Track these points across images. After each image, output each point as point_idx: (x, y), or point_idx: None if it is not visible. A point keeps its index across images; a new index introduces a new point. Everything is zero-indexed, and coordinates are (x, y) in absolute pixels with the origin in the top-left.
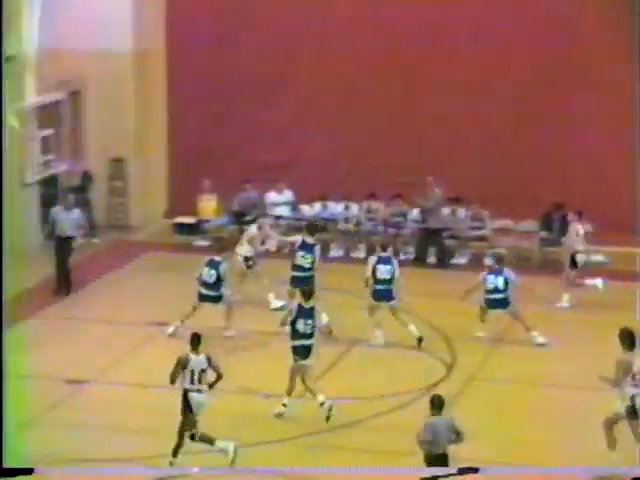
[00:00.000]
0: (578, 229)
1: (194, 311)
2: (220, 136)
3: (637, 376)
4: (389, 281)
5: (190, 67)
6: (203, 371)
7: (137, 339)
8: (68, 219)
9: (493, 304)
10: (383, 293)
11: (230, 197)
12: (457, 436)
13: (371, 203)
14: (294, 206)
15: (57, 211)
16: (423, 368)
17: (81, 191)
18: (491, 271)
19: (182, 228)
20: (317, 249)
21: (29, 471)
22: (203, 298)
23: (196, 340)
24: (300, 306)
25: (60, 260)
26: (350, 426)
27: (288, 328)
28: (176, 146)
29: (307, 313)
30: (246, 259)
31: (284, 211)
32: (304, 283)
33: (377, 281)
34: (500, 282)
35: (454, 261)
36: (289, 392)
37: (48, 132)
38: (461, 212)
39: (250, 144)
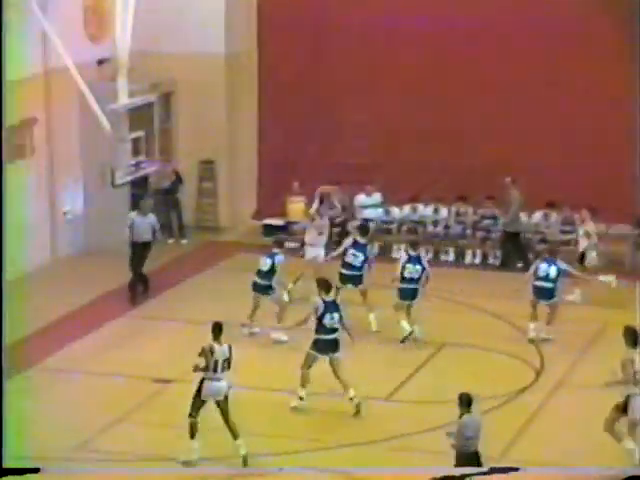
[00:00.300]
0: (587, 228)
1: (257, 306)
2: (310, 138)
3: (637, 375)
4: (416, 280)
5: (281, 69)
6: (225, 360)
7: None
8: (144, 224)
9: (539, 293)
10: (409, 292)
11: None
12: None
13: (460, 206)
14: (384, 208)
15: (133, 216)
16: (510, 371)
17: (171, 192)
18: (545, 259)
19: (271, 229)
20: (369, 249)
21: (35, 470)
22: (254, 286)
23: (217, 329)
24: (324, 301)
25: (135, 265)
26: (440, 428)
27: (314, 323)
28: (266, 147)
29: (332, 307)
30: (302, 244)
31: (373, 213)
32: (352, 281)
33: (404, 280)
34: (552, 271)
35: None
36: (346, 386)
37: (139, 134)
38: (553, 216)
39: (340, 146)
